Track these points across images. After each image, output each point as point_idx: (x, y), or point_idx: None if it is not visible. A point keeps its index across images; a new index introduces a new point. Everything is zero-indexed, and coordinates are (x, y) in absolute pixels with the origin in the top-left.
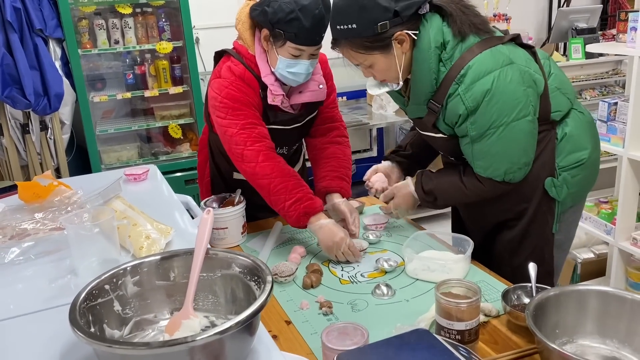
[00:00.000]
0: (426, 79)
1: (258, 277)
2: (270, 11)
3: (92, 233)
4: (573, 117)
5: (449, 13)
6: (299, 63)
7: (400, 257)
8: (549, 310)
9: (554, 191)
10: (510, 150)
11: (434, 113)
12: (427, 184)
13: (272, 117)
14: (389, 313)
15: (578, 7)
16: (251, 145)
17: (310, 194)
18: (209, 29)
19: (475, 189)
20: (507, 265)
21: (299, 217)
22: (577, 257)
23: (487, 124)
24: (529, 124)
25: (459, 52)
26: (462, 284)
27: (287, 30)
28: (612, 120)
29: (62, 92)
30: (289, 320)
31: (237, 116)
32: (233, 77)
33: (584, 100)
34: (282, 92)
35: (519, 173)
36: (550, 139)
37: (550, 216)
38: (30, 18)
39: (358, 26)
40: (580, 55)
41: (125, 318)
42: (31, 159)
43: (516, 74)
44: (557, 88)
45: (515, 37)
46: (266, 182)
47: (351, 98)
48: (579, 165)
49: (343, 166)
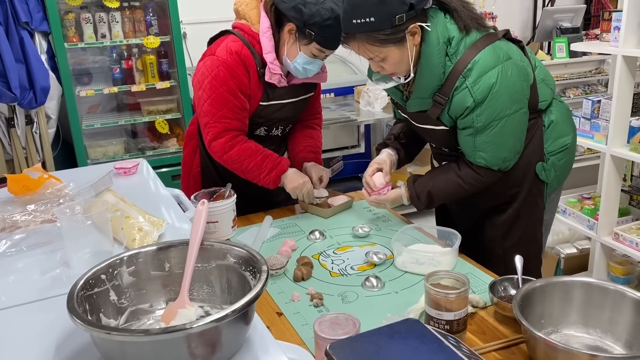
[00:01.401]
0: (435, 73)
1: (253, 267)
2: (307, 12)
3: (85, 225)
4: (556, 106)
5: (453, 9)
6: (315, 62)
7: (390, 251)
8: (534, 301)
9: (543, 174)
10: (509, 140)
11: (439, 106)
12: (422, 187)
13: (270, 93)
14: (379, 304)
15: (562, 7)
16: (222, 137)
17: (276, 160)
18: (196, 24)
19: (472, 181)
20: (499, 249)
21: (274, 181)
22: (560, 252)
23: (492, 116)
24: (524, 115)
25: (463, 47)
26: (450, 275)
27: (319, 34)
28: (596, 117)
29: (48, 85)
30: (281, 312)
31: (217, 102)
32: (227, 55)
33: (567, 98)
34: (280, 72)
35: (513, 161)
36: (538, 126)
37: (540, 198)
38: (15, 11)
39: (376, 19)
40: (564, 54)
41: (121, 308)
42: (16, 153)
43: (515, 69)
44: (542, 79)
45: (506, 32)
46: (236, 166)
47: (339, 94)
48: (564, 149)
49: (317, 145)
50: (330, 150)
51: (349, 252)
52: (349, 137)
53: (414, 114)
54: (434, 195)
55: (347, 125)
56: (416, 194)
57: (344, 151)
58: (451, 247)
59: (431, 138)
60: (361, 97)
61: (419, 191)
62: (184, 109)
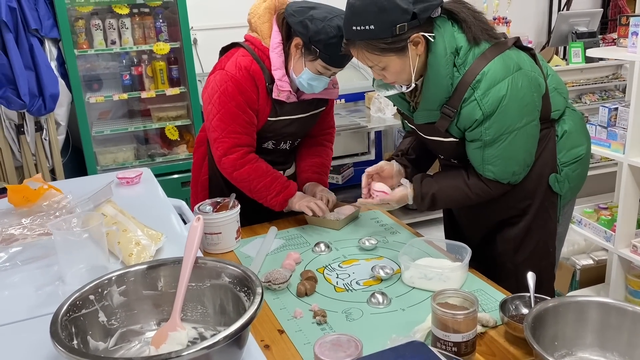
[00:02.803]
0: (442, 84)
1: (248, 287)
2: (312, 28)
3: (80, 239)
4: (569, 115)
5: (462, 19)
6: (320, 78)
7: (397, 265)
8: (547, 322)
9: (557, 186)
10: (519, 154)
11: (448, 118)
12: (428, 189)
13: (279, 109)
14: (384, 323)
15: (578, 11)
16: (232, 153)
17: (284, 183)
18: (207, 30)
19: (480, 192)
20: (510, 263)
21: (281, 204)
22: (576, 264)
23: (501, 129)
24: (535, 127)
25: (471, 57)
26: (459, 294)
27: (324, 51)
28: (613, 125)
29: (57, 92)
30: (282, 330)
31: (227, 117)
32: (236, 70)
33: (583, 104)
34: (288, 89)
35: (523, 174)
36: (550, 137)
37: (553, 210)
38: (25, 18)
39: (376, 27)
40: (580, 60)
41: (111, 329)
42: (26, 160)
43: (525, 80)
44: (555, 88)
45: (516, 40)
46: (245, 184)
47: (349, 101)
48: (577, 160)
49: (323, 165)
50: (340, 157)
51: (354, 265)
52: (359, 143)
53: (422, 126)
54: (438, 199)
55: (357, 132)
56: (421, 194)
57: (354, 158)
58: (461, 262)
59: (440, 150)
60: (372, 103)
61: (424, 192)
62: (193, 115)
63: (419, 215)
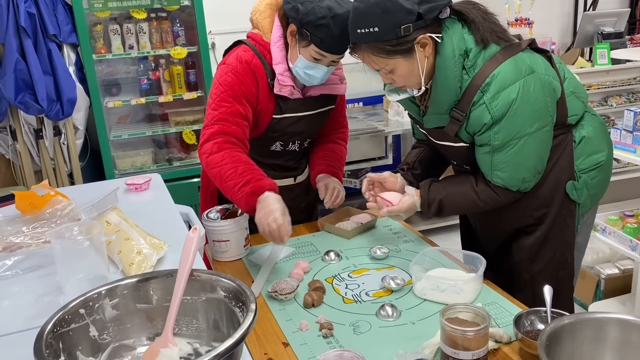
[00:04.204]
0: (451, 88)
1: (242, 303)
2: (302, 10)
3: (79, 248)
4: (588, 120)
5: (471, 20)
6: (317, 67)
7: (409, 275)
8: (563, 339)
9: (575, 194)
10: (529, 160)
11: (457, 122)
12: (435, 195)
13: (283, 105)
14: (393, 337)
15: (604, 11)
16: (214, 139)
17: (260, 175)
18: (225, 34)
19: (488, 199)
20: (526, 273)
21: (247, 199)
22: (600, 273)
23: (511, 134)
24: (547, 133)
25: (481, 60)
26: (470, 309)
27: (314, 34)
28: (638, 130)
29: (74, 97)
30: (287, 342)
31: (220, 106)
32: (237, 63)
33: (609, 107)
34: (291, 83)
35: (534, 181)
36: (567, 143)
37: (571, 219)
38: (44, 23)
39: (380, 29)
40: (606, 61)
41: (102, 344)
42: (44, 164)
43: (538, 84)
44: (572, 92)
45: (531, 42)
46: (216, 170)
47: (367, 104)
48: (597, 167)
49: (337, 159)
50: (357, 162)
51: (364, 275)
52: (376, 148)
53: (432, 130)
54: (445, 206)
55: (375, 136)
56: (428, 201)
57: (372, 162)
58: (475, 273)
59: (451, 155)
60: (390, 106)
61: (431, 198)
62: None
63: (437, 221)
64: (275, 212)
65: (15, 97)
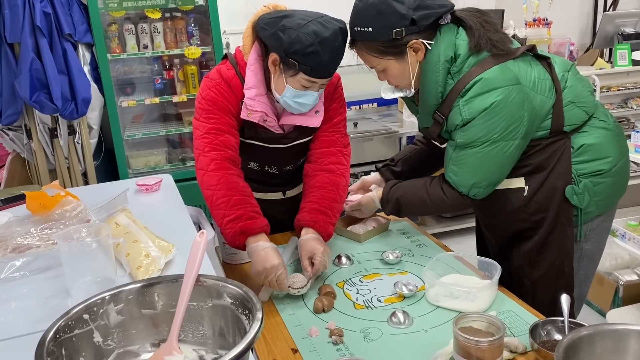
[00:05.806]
0: (432, 91)
1: (249, 310)
2: (286, 39)
3: (86, 251)
4: (593, 128)
5: (468, 27)
6: (307, 94)
7: (422, 281)
8: (581, 351)
9: (575, 199)
10: (485, 167)
11: (438, 124)
12: (394, 193)
13: (248, 132)
14: (404, 345)
15: (625, 11)
16: (208, 152)
17: (253, 213)
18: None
19: (438, 200)
20: (526, 279)
21: (235, 236)
22: (619, 279)
23: (476, 136)
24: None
25: (467, 66)
26: (484, 318)
27: (303, 63)
28: None
29: (89, 96)
30: (296, 349)
31: (207, 119)
32: (219, 79)
33: (630, 109)
34: (262, 110)
35: (485, 191)
36: (565, 149)
37: (570, 227)
38: (59, 23)
39: (374, 30)
40: (626, 62)
41: (106, 350)
42: (59, 163)
43: (519, 96)
44: (571, 102)
45: (531, 48)
46: (209, 193)
47: (382, 105)
48: (600, 173)
49: (327, 197)
50: (371, 163)
51: (376, 280)
52: (390, 149)
53: (424, 130)
54: (402, 205)
55: (389, 137)
56: (387, 198)
57: None
58: (490, 280)
59: (441, 154)
60: (404, 107)
61: (390, 196)
62: None
63: (452, 223)
64: (278, 269)
65: (30, 96)
